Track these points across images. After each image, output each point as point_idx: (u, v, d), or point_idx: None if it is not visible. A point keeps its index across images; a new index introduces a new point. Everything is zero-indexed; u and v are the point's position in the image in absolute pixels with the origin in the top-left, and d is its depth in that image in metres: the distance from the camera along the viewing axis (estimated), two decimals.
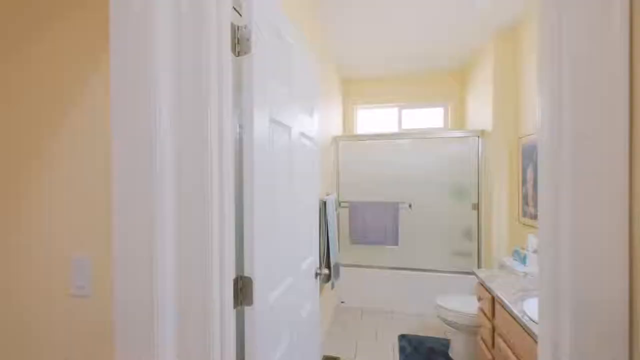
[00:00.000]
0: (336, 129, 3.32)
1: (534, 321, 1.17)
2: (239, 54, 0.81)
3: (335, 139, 3.25)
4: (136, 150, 0.65)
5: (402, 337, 2.48)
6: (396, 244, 2.97)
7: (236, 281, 0.79)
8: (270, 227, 0.93)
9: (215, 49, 0.70)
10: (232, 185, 0.75)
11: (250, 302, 0.81)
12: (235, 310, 0.76)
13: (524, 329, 1.20)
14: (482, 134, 2.83)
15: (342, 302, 3.13)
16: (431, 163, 3.06)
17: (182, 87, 0.68)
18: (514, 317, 1.28)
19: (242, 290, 0.81)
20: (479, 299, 1.74)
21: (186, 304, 0.68)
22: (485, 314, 1.65)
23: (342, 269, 3.13)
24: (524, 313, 1.24)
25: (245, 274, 0.81)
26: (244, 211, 0.82)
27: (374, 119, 3.83)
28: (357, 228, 3.06)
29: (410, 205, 3.04)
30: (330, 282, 2.46)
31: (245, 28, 0.80)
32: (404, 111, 3.72)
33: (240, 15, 0.83)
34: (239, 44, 0.80)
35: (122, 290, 0.66)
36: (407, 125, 3.73)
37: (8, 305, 0.82)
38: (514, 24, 2.42)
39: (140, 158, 0.65)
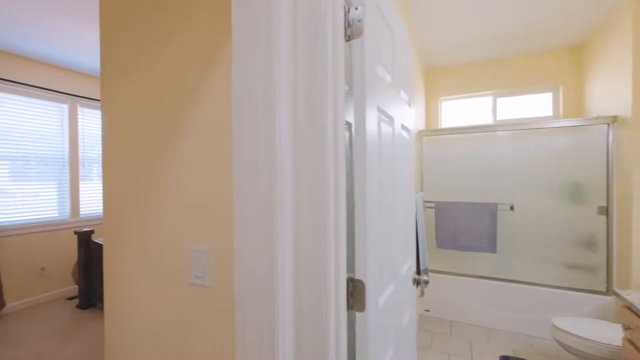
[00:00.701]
0: (419, 123, 3.09)
1: None
2: (349, 38, 0.75)
3: (419, 134, 3.02)
4: (255, 147, 0.64)
5: (504, 359, 2.15)
6: (494, 251, 2.60)
7: (347, 283, 0.73)
8: (378, 227, 0.85)
9: (331, 32, 0.65)
10: (345, 181, 0.70)
11: (362, 307, 0.74)
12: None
13: None
14: (613, 120, 2.28)
15: (426, 311, 2.90)
16: (538, 158, 2.60)
17: (297, 80, 0.65)
18: None
19: (353, 294, 0.75)
20: (626, 328, 1.37)
21: (303, 303, 0.65)
22: (638, 349, 1.29)
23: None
24: None
25: (357, 277, 0.75)
26: (355, 209, 0.76)
27: (462, 111, 3.45)
28: (446, 231, 2.78)
29: (512, 207, 2.64)
30: (419, 289, 2.27)
31: (356, 9, 0.74)
32: (500, 100, 3.27)
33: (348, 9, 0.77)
34: (350, 27, 0.74)
35: (242, 283, 0.66)
36: (503, 115, 3.26)
37: (141, 293, 0.91)
38: None
39: (259, 156, 0.64)
